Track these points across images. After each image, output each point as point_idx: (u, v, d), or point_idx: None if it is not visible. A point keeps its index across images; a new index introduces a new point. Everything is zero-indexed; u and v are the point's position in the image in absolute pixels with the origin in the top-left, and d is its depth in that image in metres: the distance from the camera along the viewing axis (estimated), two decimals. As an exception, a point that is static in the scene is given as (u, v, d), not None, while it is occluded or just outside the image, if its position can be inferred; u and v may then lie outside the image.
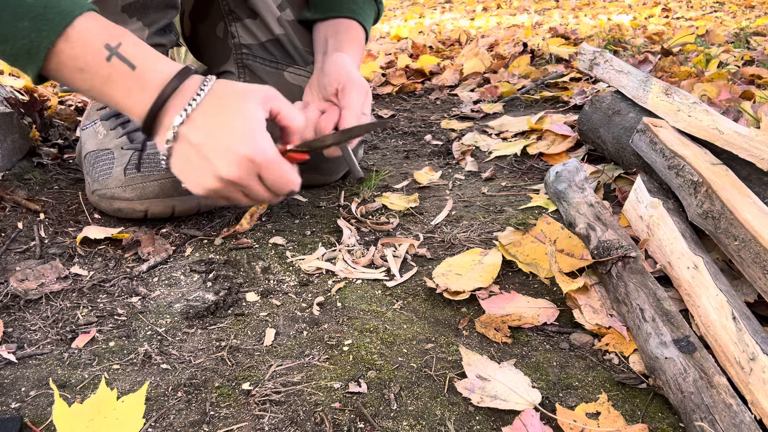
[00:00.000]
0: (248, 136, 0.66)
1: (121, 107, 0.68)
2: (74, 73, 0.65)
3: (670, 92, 0.99)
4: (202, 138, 0.66)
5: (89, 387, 0.60)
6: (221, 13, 1.05)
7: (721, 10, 4.97)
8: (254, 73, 1.03)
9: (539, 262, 0.78)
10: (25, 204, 0.97)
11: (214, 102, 0.67)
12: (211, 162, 0.66)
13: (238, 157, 0.65)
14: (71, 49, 0.64)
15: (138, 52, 0.67)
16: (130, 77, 0.66)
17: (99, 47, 0.65)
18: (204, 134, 0.66)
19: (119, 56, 0.65)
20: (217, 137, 0.66)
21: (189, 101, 0.66)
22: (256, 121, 0.67)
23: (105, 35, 0.65)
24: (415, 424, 0.55)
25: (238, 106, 0.67)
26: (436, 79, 2.11)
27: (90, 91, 0.67)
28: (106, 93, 0.67)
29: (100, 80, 0.66)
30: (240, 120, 0.66)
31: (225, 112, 0.67)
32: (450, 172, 1.21)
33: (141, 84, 0.66)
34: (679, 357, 0.56)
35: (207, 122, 0.66)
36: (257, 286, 0.78)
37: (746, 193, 0.72)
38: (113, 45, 0.65)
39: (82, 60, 0.65)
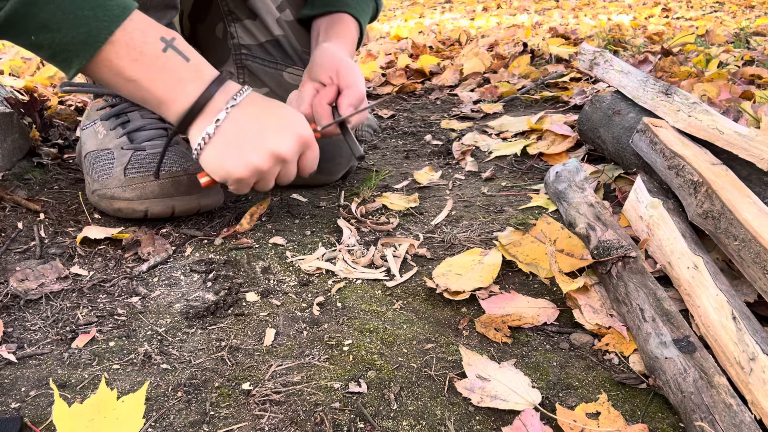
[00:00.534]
0: (299, 119, 0.76)
1: (162, 98, 0.72)
2: (126, 63, 0.69)
3: (670, 92, 0.99)
4: (257, 118, 0.74)
5: (89, 387, 0.60)
6: (220, 13, 1.05)
7: (721, 10, 4.97)
8: (253, 73, 1.03)
9: (539, 262, 0.78)
10: (25, 204, 0.97)
11: (258, 97, 0.76)
12: (267, 138, 0.73)
13: (294, 134, 0.74)
14: (129, 39, 0.68)
15: (189, 49, 0.73)
16: (184, 68, 0.72)
17: (156, 39, 0.70)
18: (257, 116, 0.74)
19: (175, 48, 0.71)
20: (272, 118, 0.75)
21: (236, 93, 0.74)
22: (297, 112, 0.78)
23: (159, 29, 0.71)
24: (415, 424, 0.55)
25: (280, 103, 0.78)
26: (436, 79, 2.11)
27: (134, 82, 0.71)
28: (155, 83, 0.71)
29: (153, 70, 0.71)
30: (286, 109, 0.77)
31: (271, 103, 0.77)
32: (450, 172, 1.21)
33: (195, 74, 0.73)
34: (679, 357, 0.56)
35: (257, 108, 0.74)
36: (257, 286, 0.78)
37: (746, 193, 0.72)
38: (168, 38, 0.71)
39: (138, 50, 0.69)
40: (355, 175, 1.18)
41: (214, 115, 0.73)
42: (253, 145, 0.73)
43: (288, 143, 0.74)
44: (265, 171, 0.75)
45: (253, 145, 0.73)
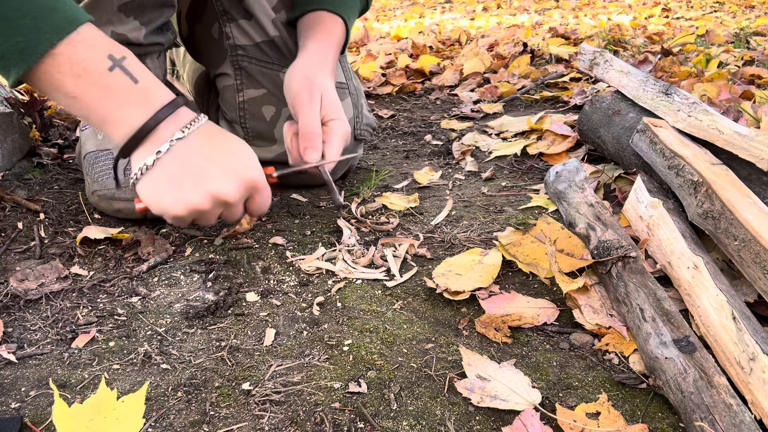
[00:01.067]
0: (249, 160, 0.71)
1: (105, 119, 0.67)
2: (67, 79, 0.65)
3: (670, 92, 0.99)
4: (202, 155, 0.68)
5: (89, 387, 0.60)
6: (216, 13, 1.04)
7: (721, 10, 4.97)
8: (250, 74, 1.03)
9: (539, 262, 0.78)
10: (25, 204, 0.97)
11: (211, 130, 0.70)
12: (208, 179, 0.68)
13: (239, 177, 0.69)
14: (73, 54, 0.64)
15: (140, 69, 0.68)
16: (131, 90, 0.67)
17: (102, 56, 0.65)
18: (204, 152, 0.68)
19: (123, 68, 0.66)
20: (219, 157, 0.69)
21: (189, 122, 0.68)
22: (251, 150, 0.72)
23: (109, 46, 0.66)
24: (415, 424, 0.55)
25: (234, 137, 0.72)
26: (436, 79, 2.11)
27: (75, 99, 0.66)
28: (96, 103, 0.66)
29: (96, 89, 0.66)
30: (239, 146, 0.71)
31: (224, 139, 0.71)
32: (450, 172, 1.21)
33: (142, 98, 0.67)
34: (679, 357, 0.56)
35: (206, 143, 0.69)
36: (257, 286, 0.78)
37: (746, 193, 0.72)
38: (117, 57, 0.66)
39: (81, 66, 0.64)
40: (355, 175, 1.18)
41: (157, 145, 0.67)
42: (193, 184, 0.68)
43: (231, 186, 0.68)
44: (205, 212, 0.70)
45: (193, 184, 0.68)
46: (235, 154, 0.70)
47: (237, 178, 0.69)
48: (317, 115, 0.84)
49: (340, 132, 0.85)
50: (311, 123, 0.83)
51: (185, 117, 0.69)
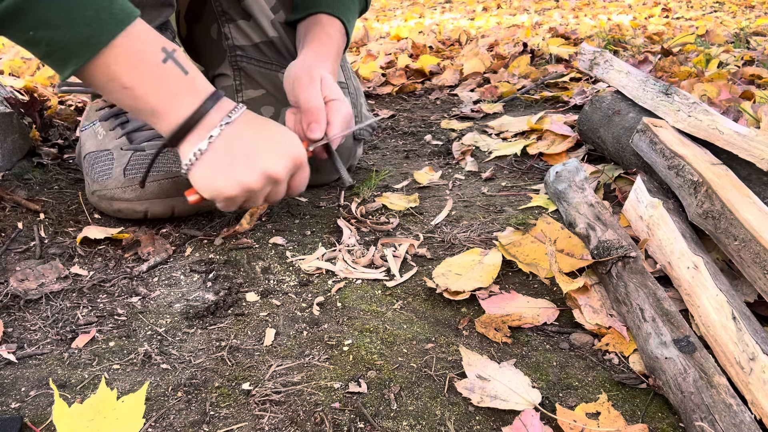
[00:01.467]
0: (293, 139, 0.75)
1: (157, 108, 0.71)
2: (124, 70, 0.67)
3: (670, 92, 0.99)
4: (250, 137, 0.72)
5: (89, 387, 0.60)
6: (214, 14, 1.04)
7: (721, 10, 4.97)
8: (249, 75, 1.03)
9: (539, 262, 0.78)
10: (25, 204, 0.97)
11: (252, 115, 0.75)
12: (260, 158, 0.72)
13: (287, 154, 0.73)
14: (130, 45, 0.67)
15: (188, 62, 0.72)
16: (182, 80, 0.70)
17: (157, 49, 0.69)
18: (251, 135, 0.73)
19: (175, 60, 0.70)
20: (265, 138, 0.73)
21: (231, 110, 0.72)
22: (291, 132, 0.77)
23: (160, 39, 0.70)
24: (415, 424, 0.55)
25: (274, 122, 0.76)
26: (436, 79, 2.11)
27: (129, 89, 0.69)
28: (150, 93, 0.70)
29: (150, 80, 0.69)
30: (280, 128, 0.76)
31: (265, 122, 0.76)
32: (450, 172, 1.21)
33: (191, 88, 0.71)
34: (679, 357, 0.56)
35: (251, 127, 0.73)
36: (257, 286, 0.78)
37: (746, 193, 0.72)
38: (169, 50, 0.70)
39: (138, 58, 0.67)
40: (355, 175, 1.18)
41: (208, 131, 0.71)
42: (245, 164, 0.72)
43: (281, 164, 0.73)
44: (256, 191, 0.73)
45: (245, 164, 0.72)
46: (278, 135, 0.75)
47: (286, 156, 0.74)
48: (319, 92, 0.85)
49: (342, 111, 0.86)
50: (313, 98, 0.84)
51: (228, 105, 0.73)
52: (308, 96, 0.84)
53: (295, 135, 0.76)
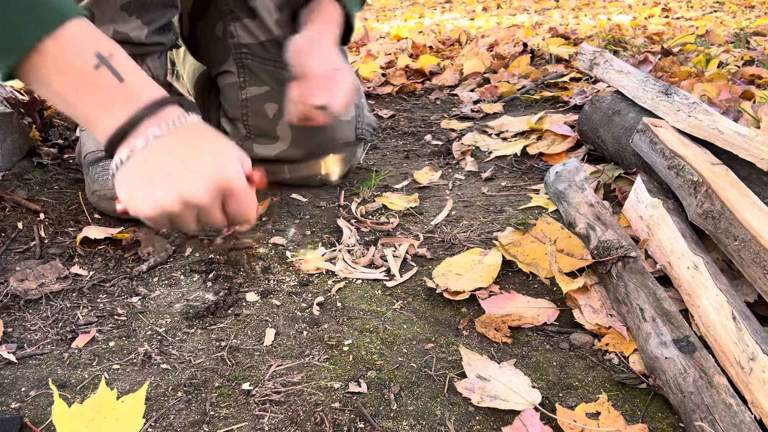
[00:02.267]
0: (229, 161, 0.64)
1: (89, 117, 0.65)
2: (52, 75, 0.63)
3: (670, 92, 0.99)
4: (176, 154, 0.64)
5: (89, 387, 0.60)
6: (220, 12, 1.05)
7: (721, 10, 4.97)
8: (253, 72, 1.03)
9: (539, 262, 0.78)
10: (25, 204, 0.97)
11: (195, 128, 0.66)
12: (177, 177, 0.63)
13: (212, 177, 0.63)
14: (59, 50, 0.62)
15: (129, 68, 0.65)
16: (115, 89, 0.64)
17: (89, 54, 0.63)
18: (179, 149, 0.64)
19: (109, 66, 0.63)
20: (193, 154, 0.64)
21: (171, 120, 0.64)
22: (233, 150, 0.66)
23: (97, 43, 0.64)
24: (415, 424, 0.55)
25: (218, 138, 0.66)
26: (436, 79, 2.11)
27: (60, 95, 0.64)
28: (80, 101, 0.64)
29: (80, 87, 0.63)
30: (219, 146, 0.65)
31: (205, 138, 0.65)
32: (450, 172, 1.21)
33: (126, 97, 0.64)
34: (679, 357, 0.56)
35: (185, 142, 0.64)
36: (257, 286, 0.78)
37: (746, 193, 0.72)
38: (104, 54, 0.64)
39: (67, 63, 0.62)
40: (356, 175, 1.18)
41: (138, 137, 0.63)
42: (161, 182, 0.63)
43: (199, 187, 0.62)
44: (176, 214, 0.64)
45: (161, 182, 0.63)
46: (211, 154, 0.65)
47: (206, 179, 0.63)
48: (324, 60, 0.84)
49: (347, 80, 0.85)
50: (318, 65, 0.82)
51: (171, 115, 0.65)
52: (313, 63, 0.83)
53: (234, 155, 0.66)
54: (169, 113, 0.65)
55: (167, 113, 0.65)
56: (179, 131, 0.64)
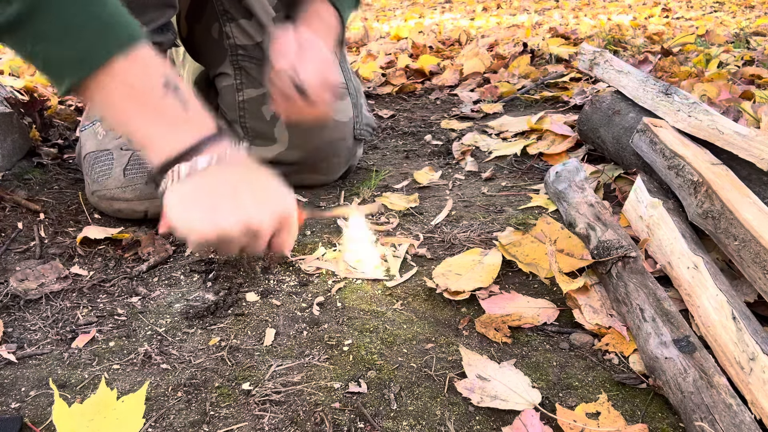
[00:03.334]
0: (286, 196, 0.66)
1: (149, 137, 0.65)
2: (120, 95, 0.63)
3: (670, 92, 0.99)
4: (241, 180, 0.64)
5: (89, 387, 0.60)
6: (216, 13, 1.04)
7: (721, 10, 4.97)
8: (250, 74, 1.03)
9: (539, 262, 0.78)
10: (25, 204, 0.97)
11: (249, 161, 0.67)
12: (243, 203, 0.63)
13: (275, 208, 0.65)
14: (129, 69, 0.62)
15: (191, 96, 0.66)
16: (180, 114, 0.64)
17: (158, 78, 0.63)
18: (243, 178, 0.65)
19: (176, 93, 0.64)
20: (257, 186, 0.65)
21: (227, 149, 0.65)
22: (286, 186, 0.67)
23: (165, 68, 0.64)
24: (415, 424, 0.55)
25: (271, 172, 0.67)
26: (436, 79, 2.11)
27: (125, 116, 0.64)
28: (144, 123, 0.64)
29: (147, 109, 0.64)
30: (275, 181, 0.67)
31: (262, 170, 0.67)
32: (450, 172, 1.21)
33: (191, 123, 0.65)
34: (679, 357, 0.56)
35: (246, 171, 0.65)
36: (257, 286, 0.78)
37: (746, 193, 0.72)
38: (172, 81, 0.64)
39: (136, 85, 0.62)
40: (355, 175, 1.18)
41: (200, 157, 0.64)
42: (227, 206, 0.63)
43: (266, 216, 0.64)
44: (233, 238, 0.64)
45: (227, 206, 0.63)
46: (272, 186, 0.66)
47: (272, 210, 0.64)
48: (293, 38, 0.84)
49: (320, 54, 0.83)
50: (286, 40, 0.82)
51: (227, 143, 0.66)
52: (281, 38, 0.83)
53: (289, 192, 0.68)
54: (225, 144, 0.66)
55: (225, 144, 0.66)
56: (237, 160, 0.65)
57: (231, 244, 0.64)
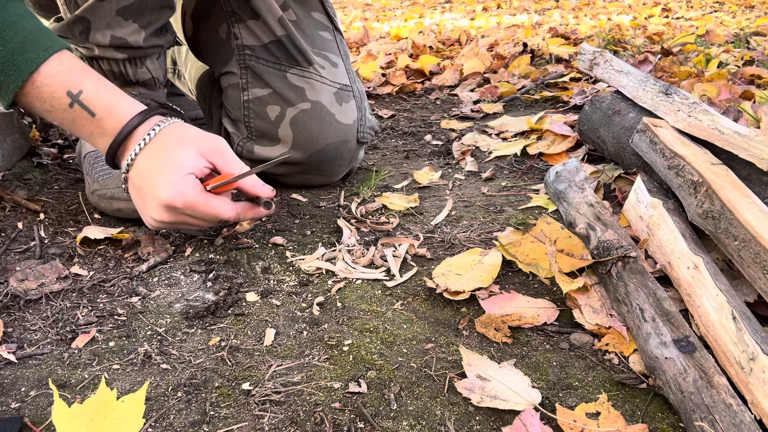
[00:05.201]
0: (171, 182, 0.72)
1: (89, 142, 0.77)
2: (43, 113, 0.73)
3: (670, 92, 0.99)
4: (140, 183, 0.75)
5: (89, 387, 0.60)
6: (224, 14, 1.04)
7: (721, 10, 4.97)
8: (256, 73, 1.03)
9: (539, 262, 0.78)
10: (25, 204, 0.97)
11: (156, 146, 0.74)
12: (146, 206, 0.75)
13: (160, 202, 0.73)
14: (37, 93, 0.71)
15: (99, 96, 0.74)
16: (90, 123, 0.74)
17: (62, 94, 0.72)
18: (141, 179, 0.75)
19: (80, 103, 0.73)
20: (148, 184, 0.74)
21: (135, 147, 0.74)
22: (181, 167, 0.73)
23: (67, 82, 0.72)
24: (415, 424, 0.55)
25: (173, 151, 0.74)
26: (436, 79, 2.11)
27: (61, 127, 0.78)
28: (74, 131, 0.76)
29: (66, 122, 0.74)
30: (168, 166, 0.73)
31: (159, 157, 0.74)
32: (450, 172, 1.21)
33: (100, 129, 0.75)
34: (679, 357, 0.56)
35: (144, 168, 0.74)
36: (257, 286, 0.78)
37: (746, 193, 0.72)
38: (75, 92, 0.72)
39: (48, 103, 0.72)
40: (355, 175, 1.18)
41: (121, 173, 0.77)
42: (141, 208, 0.77)
43: (159, 212, 0.74)
44: (166, 227, 0.78)
45: (141, 208, 0.77)
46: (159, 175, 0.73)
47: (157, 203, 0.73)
48: None
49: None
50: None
51: (140, 134, 0.75)
52: None
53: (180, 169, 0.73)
54: (141, 131, 0.75)
55: (140, 131, 0.75)
56: (149, 149, 0.74)
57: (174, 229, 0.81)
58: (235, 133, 1.08)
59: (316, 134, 1.02)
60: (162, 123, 0.75)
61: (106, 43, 0.89)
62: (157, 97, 1.00)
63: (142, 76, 0.95)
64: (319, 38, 1.08)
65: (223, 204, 0.76)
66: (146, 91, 0.98)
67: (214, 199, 0.75)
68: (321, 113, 1.02)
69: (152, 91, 0.99)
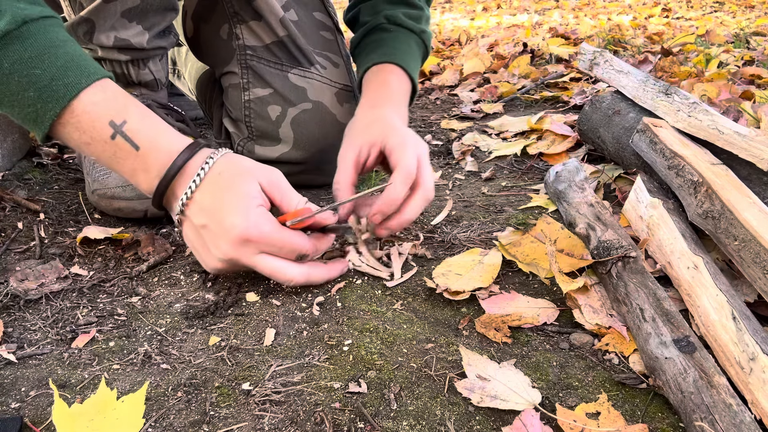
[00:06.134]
0: (243, 213, 0.66)
1: (131, 182, 0.70)
2: (81, 145, 0.67)
3: (670, 92, 0.99)
4: (203, 220, 0.67)
5: (89, 387, 0.60)
6: (226, 15, 1.04)
7: (721, 10, 4.97)
8: (257, 74, 1.03)
9: (539, 262, 0.78)
10: (25, 204, 0.97)
11: (213, 179, 0.67)
12: (212, 245, 0.68)
13: (233, 237, 0.66)
14: (77, 122, 0.65)
15: (143, 128, 0.67)
16: (134, 157, 0.67)
17: (104, 125, 0.65)
18: (204, 216, 0.67)
19: (123, 135, 0.66)
20: (214, 218, 0.67)
21: (190, 182, 0.67)
22: (249, 198, 0.67)
23: (111, 111, 0.66)
24: (415, 424, 0.55)
25: (235, 183, 0.67)
26: (436, 79, 2.11)
27: (99, 162, 0.69)
28: (113, 168, 0.68)
29: (106, 156, 0.67)
30: (236, 198, 0.66)
31: (221, 190, 0.67)
32: (450, 172, 1.21)
33: (144, 165, 0.67)
34: (679, 357, 0.56)
35: (206, 203, 0.67)
36: (257, 286, 0.78)
37: (746, 193, 0.72)
38: (118, 123, 0.66)
39: (87, 134, 0.65)
40: (355, 175, 1.18)
41: (174, 212, 0.70)
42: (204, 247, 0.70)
43: (228, 248, 0.67)
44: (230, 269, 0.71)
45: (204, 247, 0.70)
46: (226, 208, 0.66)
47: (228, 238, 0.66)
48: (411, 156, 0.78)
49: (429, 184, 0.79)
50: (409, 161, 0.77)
51: (193, 168, 0.68)
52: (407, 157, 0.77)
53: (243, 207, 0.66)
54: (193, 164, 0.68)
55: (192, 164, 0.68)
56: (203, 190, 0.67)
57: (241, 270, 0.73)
58: (235, 133, 1.08)
59: (316, 134, 1.02)
60: (214, 155, 0.69)
61: (110, 44, 0.89)
62: (158, 98, 1.00)
63: (145, 77, 0.96)
64: (320, 38, 1.08)
65: (298, 237, 0.70)
66: (148, 92, 0.98)
67: (288, 231, 0.69)
68: (322, 113, 1.02)
69: (154, 93, 0.99)
